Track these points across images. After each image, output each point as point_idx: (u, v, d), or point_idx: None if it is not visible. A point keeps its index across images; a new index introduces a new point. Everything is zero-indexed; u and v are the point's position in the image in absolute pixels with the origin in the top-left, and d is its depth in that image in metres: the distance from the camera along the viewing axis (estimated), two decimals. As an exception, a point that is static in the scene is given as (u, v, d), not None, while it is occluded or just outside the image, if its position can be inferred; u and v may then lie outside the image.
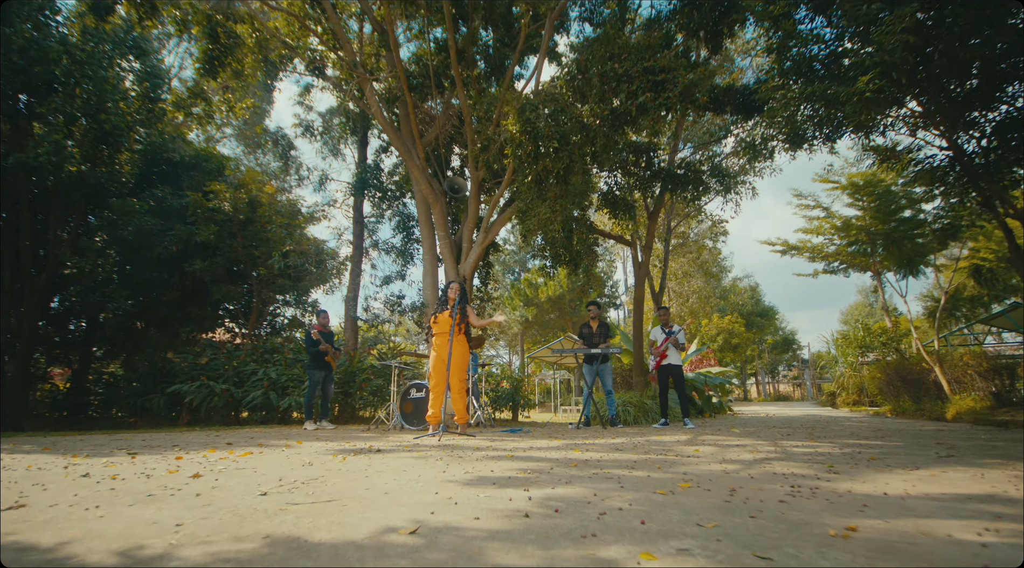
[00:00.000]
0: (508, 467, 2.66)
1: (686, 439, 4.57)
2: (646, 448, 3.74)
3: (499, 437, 5.09)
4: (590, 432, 5.88)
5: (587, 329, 7.27)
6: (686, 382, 9.18)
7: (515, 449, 3.72)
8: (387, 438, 5.09)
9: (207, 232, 10.01)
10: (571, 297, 22.67)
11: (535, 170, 5.89)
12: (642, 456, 3.19)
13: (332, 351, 7.63)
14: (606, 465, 2.74)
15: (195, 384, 9.03)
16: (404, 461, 2.97)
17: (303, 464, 2.84)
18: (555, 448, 3.80)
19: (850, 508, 1.69)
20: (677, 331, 6.84)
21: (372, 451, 3.63)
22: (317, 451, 3.66)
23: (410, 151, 8.55)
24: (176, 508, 1.70)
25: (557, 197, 6.10)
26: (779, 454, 3.26)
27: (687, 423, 6.54)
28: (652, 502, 1.76)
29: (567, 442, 4.37)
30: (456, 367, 5.44)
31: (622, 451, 3.53)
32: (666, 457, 3.13)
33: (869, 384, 16.42)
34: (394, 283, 11.94)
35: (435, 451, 3.59)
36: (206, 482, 2.22)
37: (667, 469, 2.58)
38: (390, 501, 1.78)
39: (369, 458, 3.14)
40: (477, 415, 7.04)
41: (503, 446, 3.98)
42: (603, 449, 3.69)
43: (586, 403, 6.81)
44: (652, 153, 8.06)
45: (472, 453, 3.41)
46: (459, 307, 5.58)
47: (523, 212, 6.56)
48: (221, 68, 6.98)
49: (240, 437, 5.52)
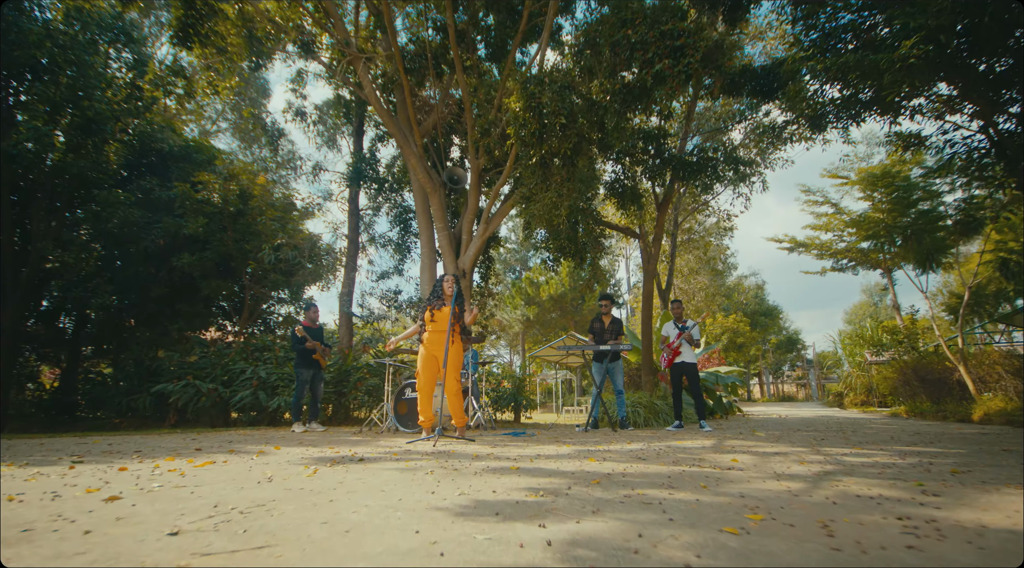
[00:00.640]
0: (514, 485, 2.11)
1: (712, 445, 4.02)
2: (672, 457, 3.19)
3: (501, 441, 4.54)
4: (600, 435, 5.32)
5: (598, 324, 6.72)
6: (697, 382, 8.63)
7: (520, 457, 3.17)
8: (377, 443, 4.54)
9: (195, 224, 9.47)
10: (573, 296, 22.11)
11: (540, 152, 5.35)
12: (673, 468, 2.63)
13: (321, 348, 7.08)
14: (635, 482, 2.18)
15: (180, 383, 8.48)
16: (387, 475, 2.42)
17: (260, 480, 2.29)
18: (566, 456, 3.25)
19: (1012, 555, 1.14)
20: (691, 326, 6.28)
21: (354, 460, 3.08)
22: (289, 460, 3.11)
23: (407, 138, 8.01)
24: (34, 556, 1.15)
25: (564, 181, 5.56)
26: (837, 466, 2.70)
27: (703, 426, 5.98)
28: (728, 550, 1.20)
29: (578, 448, 3.81)
30: (451, 367, 4.90)
31: (646, 461, 2.97)
32: (702, 469, 2.57)
33: (880, 384, 15.86)
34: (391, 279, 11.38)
35: (427, 460, 3.04)
36: (116, 509, 1.67)
37: (715, 489, 2.02)
38: (348, 547, 1.22)
39: (346, 471, 2.59)
40: (477, 417, 6.49)
41: (506, 454, 3.43)
42: (623, 457, 3.14)
43: (595, 403, 6.25)
44: (662, 140, 7.51)
45: (470, 463, 2.86)
46: (457, 305, 5.04)
47: (526, 199, 6.03)
48: (197, 38, 6.43)
49: (217, 441, 4.97)
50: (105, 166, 10.00)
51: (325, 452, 3.67)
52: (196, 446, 4.36)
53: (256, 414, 8.83)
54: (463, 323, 5.03)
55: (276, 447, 4.10)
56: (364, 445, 4.31)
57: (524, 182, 6.00)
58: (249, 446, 4.29)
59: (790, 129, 6.82)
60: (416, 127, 7.94)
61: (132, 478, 2.41)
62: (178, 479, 2.35)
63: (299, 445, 4.36)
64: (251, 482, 2.21)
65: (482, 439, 4.91)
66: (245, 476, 2.42)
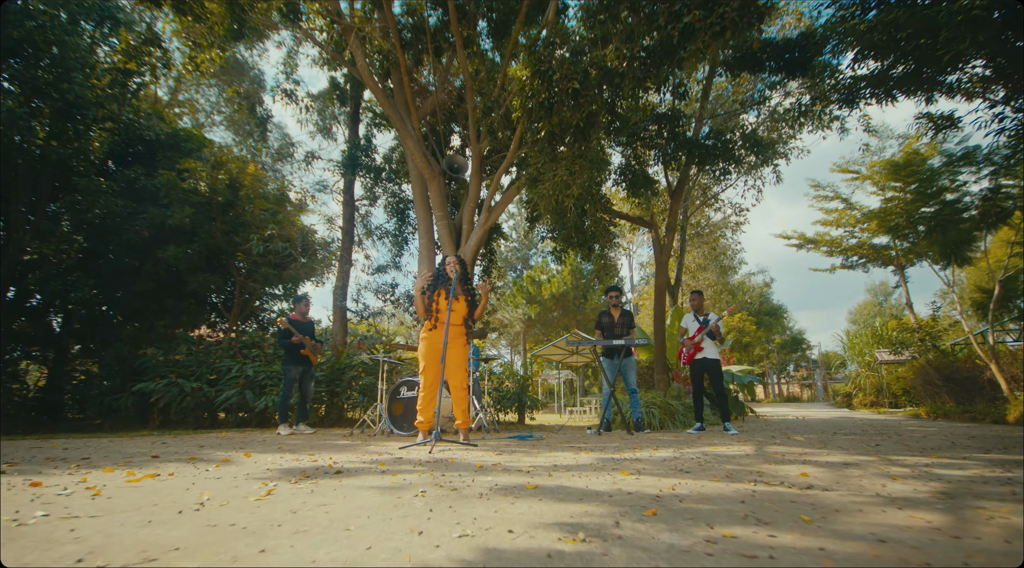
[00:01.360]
0: (537, 516, 1.49)
1: (753, 452, 3.40)
2: (719, 468, 2.57)
3: (507, 446, 3.92)
4: (617, 439, 4.70)
5: (607, 318, 6.11)
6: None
7: (535, 469, 2.55)
8: (366, 448, 3.92)
9: (181, 215, 8.85)
10: (575, 294, 21.51)
11: (549, 124, 4.75)
12: (736, 486, 2.02)
13: (311, 344, 6.47)
14: (703, 511, 1.56)
15: (163, 382, 7.86)
16: (363, 498, 1.80)
17: (189, 507, 1.67)
18: (590, 467, 2.63)
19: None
20: (713, 319, 5.67)
21: (329, 473, 2.46)
22: (250, 473, 2.49)
23: (404, 121, 7.40)
24: None
25: (576, 158, 4.95)
26: (946, 484, 2.08)
27: (728, 428, 5.35)
28: None
29: (599, 456, 3.19)
30: (458, 361, 4.29)
31: (692, 474, 2.36)
32: (775, 488, 1.96)
33: (893, 384, 15.24)
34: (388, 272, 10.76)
35: (420, 473, 2.42)
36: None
37: (825, 523, 1.41)
38: None
39: (312, 490, 1.97)
40: (479, 418, 5.87)
41: (516, 463, 2.81)
42: (660, 469, 2.52)
43: (607, 404, 5.63)
44: (677, 122, 6.92)
45: (473, 479, 2.24)
46: (464, 289, 4.43)
47: (533, 180, 5.44)
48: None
49: (186, 446, 4.35)
50: (87, 153, 9.40)
51: (301, 460, 3.05)
52: (158, 452, 3.74)
53: (246, 415, 8.21)
54: (472, 311, 4.41)
55: (247, 454, 3.48)
56: (350, 451, 3.69)
57: (531, 162, 5.39)
58: (217, 452, 3.67)
59: (818, 106, 6.23)
60: (414, 110, 7.35)
61: (27, 498, 1.80)
62: (83, 503, 1.73)
63: (276, 451, 3.74)
64: (172, 511, 1.59)
65: (485, 443, 4.29)
66: (173, 499, 1.80)
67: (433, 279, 4.56)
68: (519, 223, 27.82)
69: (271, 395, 7.65)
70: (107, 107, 9.49)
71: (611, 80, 4.70)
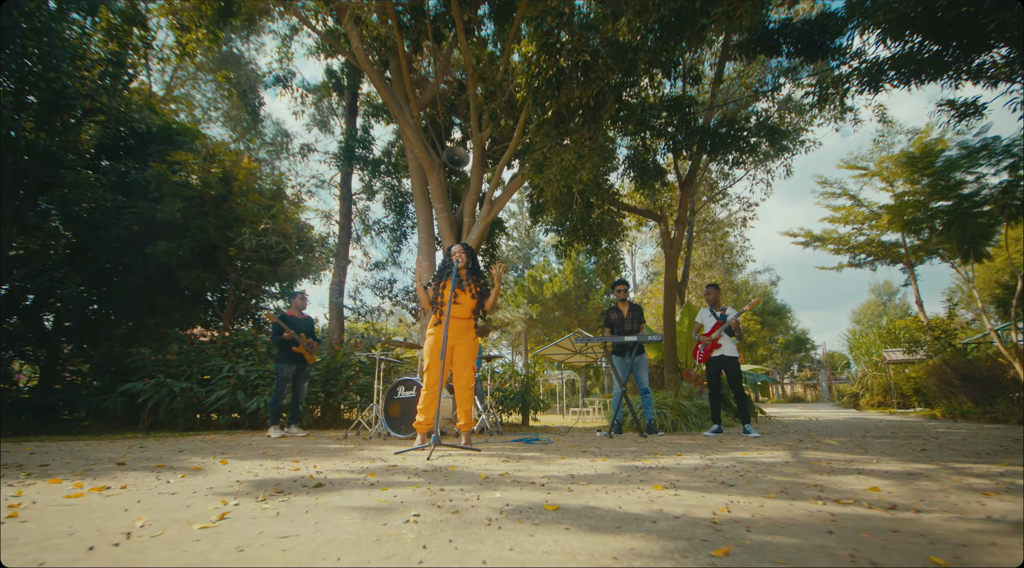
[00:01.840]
0: (568, 558, 1.11)
1: (791, 458, 3.01)
2: (765, 480, 2.18)
3: (513, 451, 3.53)
4: (632, 443, 4.31)
5: (615, 314, 5.71)
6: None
7: (550, 482, 2.16)
8: (358, 453, 3.53)
9: (171, 208, 8.47)
10: (577, 294, 21.12)
11: (556, 104, 4.37)
12: (799, 506, 1.63)
13: (306, 342, 6.07)
14: (785, 548, 1.18)
15: (151, 382, 7.47)
16: (339, 526, 1.41)
17: (107, 539, 1.28)
18: (613, 478, 2.24)
19: None
20: (732, 315, 5.28)
21: (308, 486, 2.07)
22: (213, 487, 2.10)
23: (402, 109, 7.02)
24: None
25: (585, 140, 4.58)
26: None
27: (749, 431, 4.96)
28: None
29: (619, 463, 2.81)
30: (465, 359, 3.90)
31: (739, 488, 1.97)
32: (849, 508, 1.57)
33: (903, 384, 14.84)
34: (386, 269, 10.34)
35: (414, 488, 2.03)
36: None
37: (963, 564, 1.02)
38: None
39: (278, 513, 1.58)
40: (481, 420, 5.48)
41: (527, 474, 2.42)
42: (695, 480, 2.13)
43: (618, 404, 5.23)
44: (689, 109, 6.54)
45: (478, 496, 1.85)
46: (472, 280, 4.05)
47: (538, 166, 5.05)
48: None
49: (164, 450, 3.97)
50: (76, 146, 9.03)
51: (281, 469, 2.66)
52: (129, 457, 3.36)
53: (238, 416, 7.82)
54: (482, 302, 4.03)
55: (223, 461, 3.09)
56: (340, 457, 3.31)
57: (537, 147, 5.02)
58: (193, 458, 3.28)
59: (840, 89, 5.86)
60: (413, 97, 6.97)
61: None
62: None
63: (258, 456, 3.35)
64: (81, 547, 1.21)
65: (489, 448, 3.90)
66: (98, 526, 1.41)
67: (439, 269, 4.18)
68: (520, 222, 27.44)
69: (263, 395, 7.27)
70: (97, 99, 9.13)
71: (623, 56, 4.32)
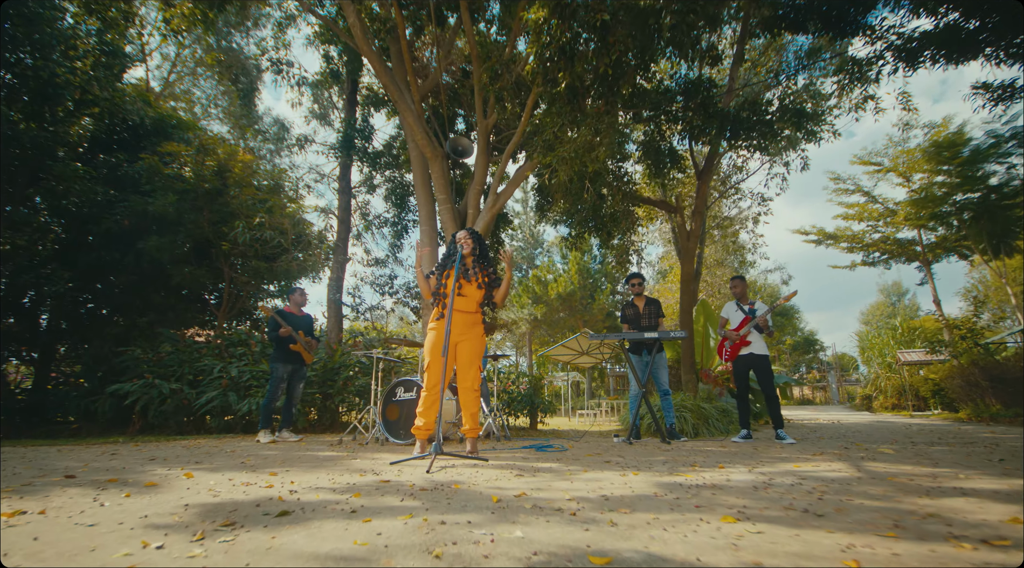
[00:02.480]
0: None
1: (860, 474, 2.52)
2: (855, 506, 1.70)
3: (526, 460, 3.05)
4: (652, 449, 3.82)
5: (631, 309, 5.23)
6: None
7: (580, 505, 1.68)
8: (349, 463, 3.05)
9: (163, 202, 8.04)
10: (582, 294, 20.63)
11: (570, 75, 3.91)
12: (943, 552, 1.15)
13: (304, 340, 5.60)
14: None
15: (139, 383, 7.03)
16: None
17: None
18: (658, 501, 1.76)
19: None
20: (762, 310, 4.79)
21: (271, 515, 1.60)
22: (148, 516, 1.63)
23: (403, 93, 6.57)
24: None
25: (602, 115, 4.11)
26: None
27: (783, 437, 4.46)
28: None
29: (656, 478, 2.32)
30: (471, 357, 3.44)
31: (833, 520, 1.48)
32: (1008, 553, 1.09)
33: (921, 386, 14.26)
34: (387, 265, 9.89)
35: (405, 518, 1.55)
36: None
37: None
38: None
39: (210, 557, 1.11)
40: (488, 423, 5.00)
41: (549, 493, 1.94)
42: (767, 506, 1.65)
43: (636, 407, 4.73)
44: (707, 92, 6.06)
45: (492, 534, 1.37)
46: (479, 269, 3.59)
47: (548, 146, 4.58)
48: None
49: (135, 459, 3.51)
50: (66, 137, 8.63)
51: (251, 486, 2.19)
52: (83, 468, 2.90)
53: (231, 418, 7.37)
54: (490, 292, 3.57)
55: (187, 474, 2.62)
56: (327, 467, 2.84)
57: (547, 127, 4.55)
58: (157, 470, 2.82)
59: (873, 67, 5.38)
60: (414, 81, 6.53)
61: None
62: None
63: (232, 468, 2.88)
64: None
65: (497, 456, 3.42)
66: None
67: (443, 258, 3.72)
68: (523, 222, 26.99)
69: (256, 397, 6.81)
70: (89, 91, 8.74)
71: (644, 21, 3.86)
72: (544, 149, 4.52)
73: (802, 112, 5.86)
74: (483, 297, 3.55)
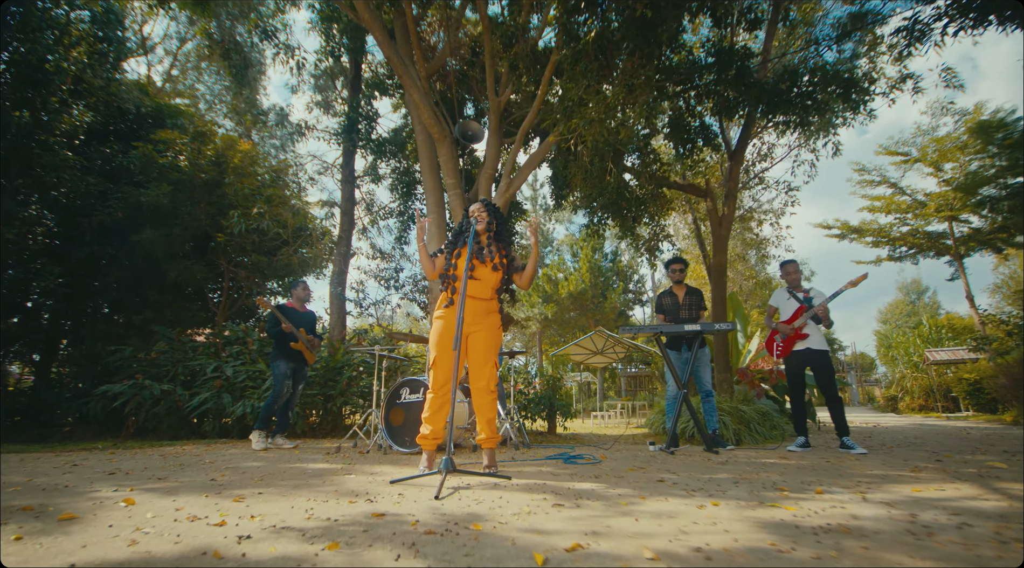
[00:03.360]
0: None
1: (1008, 504, 1.86)
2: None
3: (557, 477, 2.42)
4: (702, 461, 3.18)
5: (669, 298, 4.59)
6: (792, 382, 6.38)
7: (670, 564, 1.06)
8: (339, 481, 2.43)
9: (157, 192, 7.51)
10: (593, 293, 19.95)
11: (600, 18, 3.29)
12: None
13: (306, 339, 5.01)
14: None
15: (128, 383, 6.50)
16: None
17: None
18: (780, 559, 1.13)
19: None
20: (818, 297, 4.13)
21: None
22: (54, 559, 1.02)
23: (407, 68, 5.98)
24: None
25: (637, 67, 3.47)
26: None
27: (852, 446, 3.79)
28: None
29: (749, 512, 1.69)
30: (485, 352, 2.82)
31: None
32: None
33: (954, 386, 13.43)
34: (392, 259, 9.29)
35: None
36: None
37: None
38: None
39: None
40: (505, 429, 4.37)
41: (617, 546, 1.31)
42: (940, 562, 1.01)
43: (676, 411, 4.07)
44: (742, 61, 5.39)
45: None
46: (496, 247, 2.98)
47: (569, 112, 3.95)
48: None
49: (88, 474, 2.92)
50: (57, 126, 8.15)
51: (199, 519, 1.58)
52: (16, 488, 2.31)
53: (229, 421, 6.81)
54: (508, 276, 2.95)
55: (128, 501, 2.02)
56: (312, 487, 2.22)
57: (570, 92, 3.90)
58: (97, 494, 2.22)
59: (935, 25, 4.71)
60: (420, 55, 5.93)
61: None
62: None
63: (194, 489, 2.27)
64: None
65: (521, 471, 2.79)
66: None
67: (453, 235, 3.09)
68: (533, 221, 26.34)
69: (251, 399, 6.24)
70: (84, 79, 8.26)
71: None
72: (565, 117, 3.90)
73: (852, 80, 5.19)
74: (499, 282, 2.92)
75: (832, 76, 5.41)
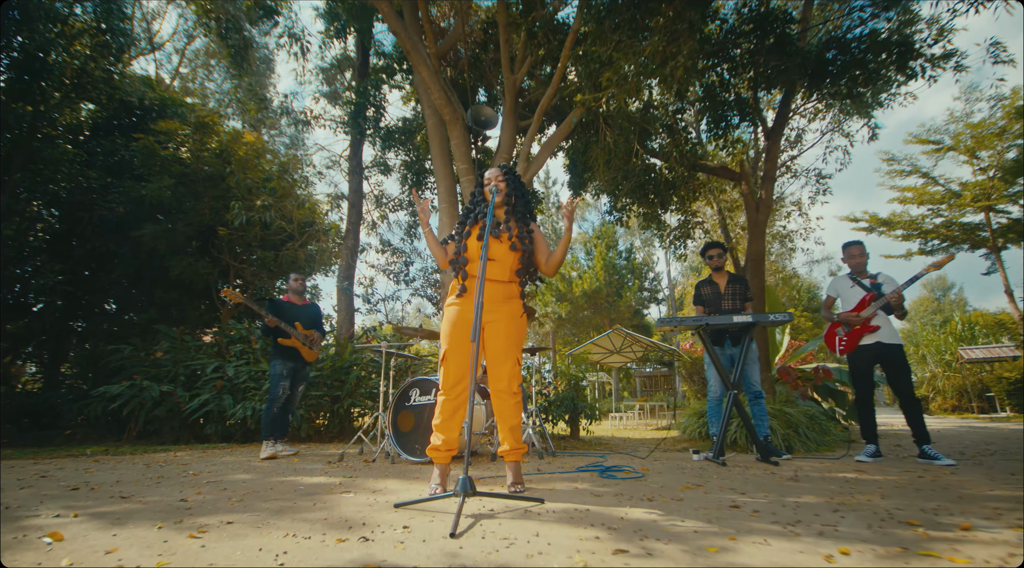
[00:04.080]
0: None
1: None
2: None
3: (600, 499, 1.91)
4: (767, 475, 2.64)
5: (708, 288, 4.04)
6: (831, 379, 5.79)
7: None
8: (333, 503, 1.95)
9: (158, 186, 7.15)
10: (608, 291, 19.36)
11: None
12: None
13: (301, 333, 4.55)
14: None
15: (126, 384, 6.12)
16: None
17: None
18: None
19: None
20: (889, 284, 3.56)
21: None
22: None
23: (416, 45, 5.51)
24: None
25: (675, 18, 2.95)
26: None
27: (937, 456, 3.21)
28: None
29: (886, 561, 1.16)
30: (506, 345, 2.30)
31: None
32: None
33: (994, 385, 12.62)
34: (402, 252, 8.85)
35: None
36: None
37: None
38: None
39: None
40: (527, 434, 3.86)
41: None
42: None
43: (725, 416, 3.52)
44: (785, 25, 4.83)
45: None
46: (516, 222, 2.46)
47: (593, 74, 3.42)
48: None
49: (47, 488, 2.48)
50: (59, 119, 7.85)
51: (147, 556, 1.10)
52: None
53: (232, 424, 6.40)
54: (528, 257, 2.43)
55: (55, 536, 1.55)
56: (296, 515, 1.74)
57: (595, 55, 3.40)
58: (40, 517, 1.76)
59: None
60: (430, 31, 5.48)
61: None
62: None
63: (151, 513, 1.80)
64: None
65: (552, 488, 2.27)
66: None
67: (465, 211, 2.59)
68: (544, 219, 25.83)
69: (252, 401, 5.81)
70: (88, 72, 7.95)
71: None
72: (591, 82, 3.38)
73: (910, 45, 4.60)
74: (519, 262, 2.39)
75: (883, 42, 4.82)
